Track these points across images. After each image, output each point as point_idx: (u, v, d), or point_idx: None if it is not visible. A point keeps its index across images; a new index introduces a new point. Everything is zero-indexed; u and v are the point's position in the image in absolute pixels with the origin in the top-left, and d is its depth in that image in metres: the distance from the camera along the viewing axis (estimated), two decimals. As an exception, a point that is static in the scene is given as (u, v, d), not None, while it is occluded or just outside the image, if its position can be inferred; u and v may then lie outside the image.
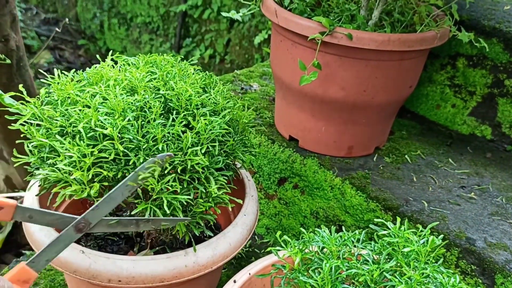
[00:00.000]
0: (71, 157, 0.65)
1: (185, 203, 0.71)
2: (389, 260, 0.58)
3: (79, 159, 0.65)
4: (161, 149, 0.68)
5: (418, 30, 1.05)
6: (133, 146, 0.68)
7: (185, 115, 0.74)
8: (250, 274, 0.72)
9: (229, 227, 0.81)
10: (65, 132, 0.70)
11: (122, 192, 0.62)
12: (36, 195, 0.79)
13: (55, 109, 0.72)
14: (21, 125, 0.71)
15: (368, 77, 1.02)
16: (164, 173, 0.68)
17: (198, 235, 0.89)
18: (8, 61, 1.28)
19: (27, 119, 0.71)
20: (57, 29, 1.57)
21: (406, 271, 0.54)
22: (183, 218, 0.69)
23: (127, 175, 0.68)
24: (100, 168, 0.67)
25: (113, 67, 0.82)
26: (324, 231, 0.61)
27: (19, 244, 2.00)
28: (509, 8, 1.26)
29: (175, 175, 0.69)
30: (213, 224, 0.87)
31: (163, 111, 0.74)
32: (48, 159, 0.69)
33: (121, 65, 0.83)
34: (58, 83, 0.77)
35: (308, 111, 1.13)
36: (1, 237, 1.82)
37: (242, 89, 1.48)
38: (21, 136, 0.73)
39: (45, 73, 0.82)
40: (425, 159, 1.21)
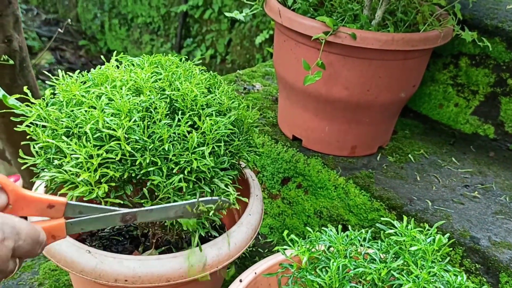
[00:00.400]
0: (77, 158, 0.66)
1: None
2: (396, 259, 0.58)
3: (86, 160, 0.65)
4: (167, 149, 0.68)
5: (421, 29, 1.05)
6: (139, 146, 0.68)
7: (191, 115, 0.74)
8: (256, 273, 0.72)
9: (234, 226, 0.81)
10: (71, 133, 0.70)
11: (176, 209, 0.64)
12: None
13: (60, 110, 0.72)
14: (27, 126, 0.71)
15: (371, 76, 1.02)
16: (170, 173, 0.68)
17: (203, 235, 0.89)
18: (11, 62, 1.29)
19: (33, 120, 0.71)
20: (59, 29, 1.57)
21: (413, 269, 0.55)
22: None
23: (133, 175, 0.68)
24: (106, 168, 0.67)
25: (118, 68, 0.83)
26: (331, 230, 0.61)
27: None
28: (511, 7, 1.26)
29: (181, 175, 0.69)
30: (218, 224, 0.87)
31: (169, 112, 0.74)
32: (54, 160, 0.69)
33: (126, 66, 0.83)
34: (63, 84, 0.77)
35: (311, 110, 1.13)
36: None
37: (245, 89, 1.48)
38: (24, 137, 0.73)
39: (47, 74, 0.82)
40: (429, 158, 1.21)
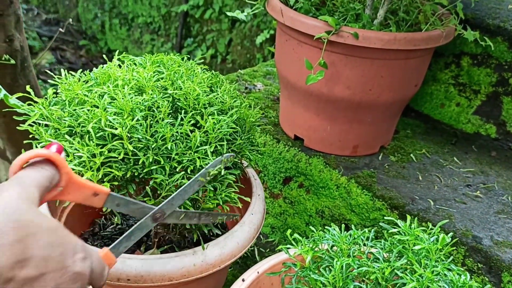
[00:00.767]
0: (80, 157, 0.66)
1: (194, 201, 0.71)
2: (399, 258, 0.58)
3: (89, 159, 0.65)
4: (170, 148, 0.68)
5: (423, 29, 1.05)
6: (142, 145, 0.68)
7: (193, 114, 0.74)
8: (258, 272, 0.72)
9: (237, 226, 0.81)
10: (73, 132, 0.70)
11: (193, 186, 0.66)
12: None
13: (63, 109, 0.72)
14: (29, 125, 0.71)
15: (373, 76, 1.02)
16: (173, 172, 0.68)
17: (205, 234, 0.89)
18: (12, 61, 1.28)
19: (35, 120, 0.71)
20: (60, 29, 1.57)
21: (417, 268, 0.55)
22: (235, 214, 0.76)
23: (136, 174, 0.68)
24: (109, 167, 0.67)
25: (120, 67, 0.83)
26: (334, 229, 0.61)
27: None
28: (513, 6, 1.26)
29: (183, 173, 0.69)
30: (220, 223, 0.87)
31: (171, 111, 0.74)
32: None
33: (128, 65, 0.83)
34: (65, 84, 0.77)
35: (313, 110, 1.13)
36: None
37: (246, 88, 1.48)
38: (25, 136, 0.73)
39: (50, 74, 0.82)
40: (430, 157, 1.21)
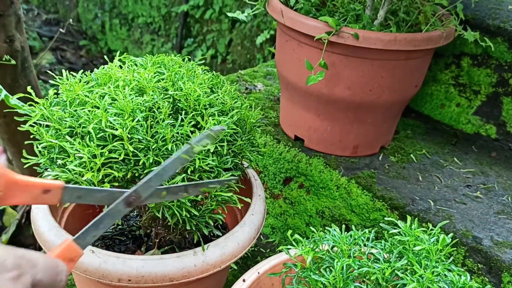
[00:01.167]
0: (81, 158, 0.66)
1: (194, 202, 0.71)
2: (399, 258, 0.58)
3: (89, 159, 0.65)
4: (170, 149, 0.69)
5: (423, 29, 1.05)
6: (143, 146, 0.68)
7: (194, 115, 0.74)
8: (259, 273, 0.72)
9: (237, 226, 0.81)
10: (74, 133, 0.70)
11: (174, 165, 0.58)
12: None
13: (63, 110, 0.72)
14: (30, 126, 0.71)
15: (374, 76, 1.02)
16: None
17: (206, 235, 0.89)
18: (13, 62, 1.29)
19: (36, 120, 0.71)
20: (61, 29, 1.57)
21: (417, 269, 0.55)
22: (228, 178, 0.67)
23: (136, 175, 0.68)
24: (109, 168, 0.67)
25: (121, 68, 0.83)
26: (334, 230, 0.61)
27: (23, 244, 2.01)
28: (513, 7, 1.27)
29: (184, 175, 0.69)
30: (220, 224, 0.87)
31: (172, 112, 0.75)
32: (57, 160, 0.69)
33: (129, 66, 0.83)
34: (66, 84, 0.77)
35: (313, 110, 1.13)
36: (5, 238, 1.82)
37: (246, 89, 1.48)
38: (26, 137, 0.73)
39: (51, 74, 0.82)
40: (430, 158, 1.22)
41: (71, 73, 0.80)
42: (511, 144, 1.29)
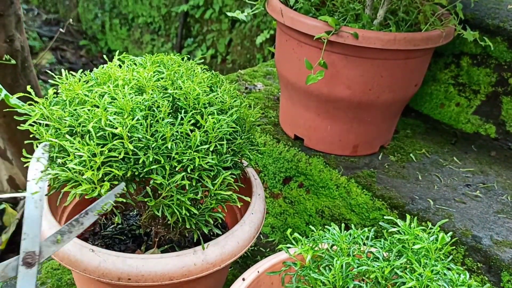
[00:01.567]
0: (81, 157, 0.66)
1: (194, 200, 0.72)
2: (399, 257, 0.58)
3: (89, 158, 0.65)
4: (170, 147, 0.69)
5: (423, 29, 1.05)
6: (142, 145, 0.68)
7: (193, 114, 0.74)
8: (258, 272, 0.72)
9: (237, 225, 0.81)
10: (74, 132, 0.70)
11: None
12: (45, 195, 0.79)
13: (63, 109, 0.73)
14: (30, 125, 0.71)
15: (373, 76, 1.02)
16: (173, 171, 0.68)
17: (205, 234, 0.89)
18: (13, 61, 1.29)
19: (36, 119, 0.72)
20: (61, 29, 1.57)
21: (416, 267, 0.55)
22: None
23: (136, 173, 0.69)
24: (109, 167, 0.67)
25: (120, 67, 0.83)
26: (334, 229, 0.61)
27: (23, 244, 2.01)
28: (513, 6, 1.27)
29: (184, 173, 0.69)
30: (220, 223, 0.87)
31: (171, 110, 0.75)
32: (57, 159, 0.69)
33: (128, 65, 0.83)
34: (66, 84, 0.77)
35: (313, 110, 1.13)
36: (5, 238, 1.82)
37: (246, 88, 1.48)
38: (26, 136, 0.74)
39: (51, 74, 0.82)
40: (430, 157, 1.22)
41: (71, 72, 0.80)
42: (511, 143, 1.29)
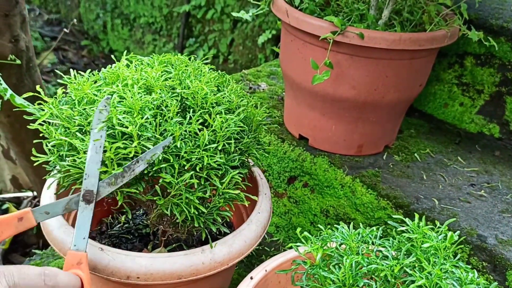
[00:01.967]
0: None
1: (202, 199, 0.72)
2: (408, 256, 0.59)
3: (99, 157, 0.66)
4: (179, 146, 0.69)
5: (427, 29, 1.06)
6: (152, 143, 0.69)
7: (201, 113, 0.74)
8: (266, 271, 0.73)
9: (244, 224, 0.82)
10: (83, 131, 0.70)
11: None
12: (54, 194, 0.80)
13: (72, 108, 0.73)
14: (39, 125, 0.72)
15: (379, 76, 1.03)
16: (182, 170, 0.69)
17: (212, 232, 0.90)
18: (18, 61, 1.29)
19: (45, 119, 0.72)
20: (65, 29, 1.58)
21: (425, 266, 0.55)
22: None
23: (145, 172, 0.69)
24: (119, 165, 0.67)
25: (128, 67, 0.83)
26: (343, 228, 0.62)
27: (26, 243, 2.01)
28: (516, 7, 1.27)
29: (192, 172, 0.69)
30: (225, 222, 0.88)
31: (180, 110, 0.75)
32: (67, 158, 0.70)
33: (136, 65, 0.84)
34: (74, 83, 0.78)
35: (318, 110, 1.13)
36: (8, 238, 1.82)
37: (250, 88, 1.48)
38: (30, 136, 0.74)
39: (57, 74, 0.82)
40: (434, 157, 1.22)
41: (79, 72, 0.81)
42: (515, 143, 1.30)
